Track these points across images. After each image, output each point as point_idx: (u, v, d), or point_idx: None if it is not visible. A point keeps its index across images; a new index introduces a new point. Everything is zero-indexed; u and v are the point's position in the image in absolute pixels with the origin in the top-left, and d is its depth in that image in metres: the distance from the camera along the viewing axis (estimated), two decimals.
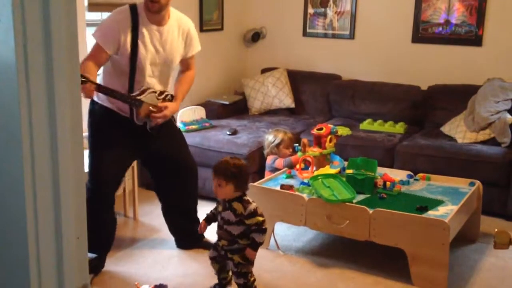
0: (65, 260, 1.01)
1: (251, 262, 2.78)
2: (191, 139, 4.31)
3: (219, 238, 2.82)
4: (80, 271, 1.04)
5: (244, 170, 2.75)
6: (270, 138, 4.01)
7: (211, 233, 3.63)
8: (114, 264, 3.25)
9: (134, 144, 3.14)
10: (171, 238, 3.53)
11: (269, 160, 3.96)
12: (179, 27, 3.12)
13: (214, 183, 2.73)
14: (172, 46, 3.08)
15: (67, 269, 1.00)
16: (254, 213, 2.69)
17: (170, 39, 3.07)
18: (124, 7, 3.00)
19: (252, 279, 2.82)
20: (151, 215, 3.95)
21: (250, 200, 2.74)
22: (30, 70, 1.05)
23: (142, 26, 2.96)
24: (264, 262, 3.33)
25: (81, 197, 1.08)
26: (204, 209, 4.07)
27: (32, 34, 1.04)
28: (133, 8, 2.97)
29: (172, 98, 3.18)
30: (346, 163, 3.68)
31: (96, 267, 3.12)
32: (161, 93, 3.13)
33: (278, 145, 3.96)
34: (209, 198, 4.27)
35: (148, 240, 3.62)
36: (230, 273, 2.87)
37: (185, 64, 3.29)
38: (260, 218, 2.70)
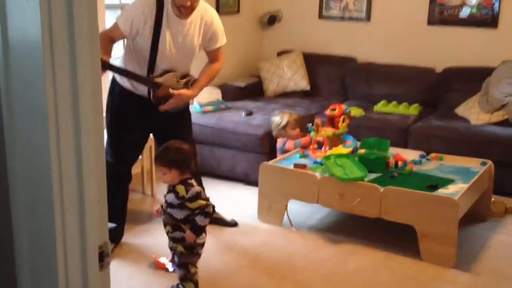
0: (87, 221, 1.11)
1: (194, 253, 2.67)
2: (207, 120, 4.42)
3: (164, 225, 2.71)
4: (101, 231, 1.14)
5: (185, 152, 2.66)
6: (277, 120, 4.08)
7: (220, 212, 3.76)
8: (133, 237, 3.39)
9: (149, 123, 3.26)
10: None
11: (279, 143, 4.04)
12: (201, 19, 3.14)
13: (160, 171, 2.67)
14: (193, 38, 3.12)
15: (89, 229, 1.10)
16: (197, 196, 2.59)
17: (192, 31, 3.11)
18: None
19: (193, 270, 2.67)
20: None
21: (194, 184, 2.65)
22: (54, 47, 1.14)
23: (166, 17, 3.01)
24: (277, 238, 3.44)
25: (101, 165, 1.18)
26: (218, 188, 4.21)
27: (57, 14, 1.13)
28: None
29: (194, 83, 3.27)
30: (359, 143, 3.75)
31: (115, 236, 3.27)
32: (184, 76, 3.22)
33: (284, 127, 4.03)
34: (223, 177, 4.39)
35: None
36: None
37: (211, 56, 3.34)
38: (203, 202, 2.60)
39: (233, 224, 3.61)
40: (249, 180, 4.26)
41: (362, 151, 3.59)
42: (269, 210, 3.60)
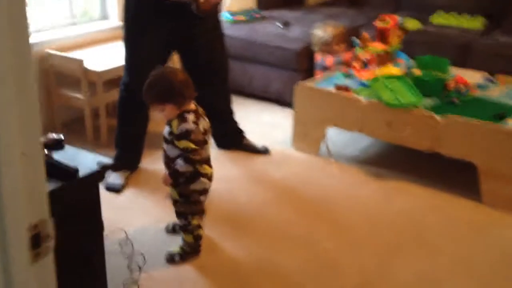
0: (5, 188, 0.69)
1: (190, 202, 2.27)
2: (237, 31, 3.93)
3: (163, 161, 2.33)
4: (33, 201, 0.73)
5: (176, 81, 2.18)
6: (319, 33, 3.54)
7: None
8: (151, 163, 3.04)
9: (173, 33, 2.79)
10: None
11: (318, 58, 3.53)
12: None
13: (154, 109, 2.25)
14: None
15: (11, 201, 0.69)
16: (185, 135, 2.15)
17: None
18: None
19: (195, 222, 2.29)
20: None
21: (190, 120, 2.17)
22: None
23: None
24: (312, 171, 3.04)
25: (31, 93, 0.73)
26: (248, 109, 3.80)
27: None
28: None
29: None
30: (413, 62, 3.22)
31: (131, 164, 2.95)
32: None
33: (328, 42, 3.49)
34: (255, 96, 3.96)
35: None
36: None
37: None
38: (190, 144, 2.15)
39: (264, 151, 3.21)
40: (283, 100, 3.81)
41: (416, 71, 3.06)
42: (305, 137, 3.17)
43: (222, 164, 3.08)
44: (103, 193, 2.79)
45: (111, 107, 3.42)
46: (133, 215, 2.62)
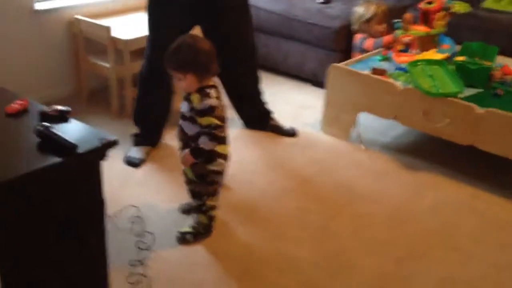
0: None
1: (207, 182, 2.17)
2: (275, 5, 3.76)
3: (178, 138, 2.23)
4: None
5: (204, 51, 2.06)
6: (360, 11, 3.34)
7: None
8: (174, 139, 2.94)
9: (197, 15, 2.66)
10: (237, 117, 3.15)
11: (357, 39, 3.33)
12: None
13: (174, 77, 2.12)
14: None
15: None
16: (209, 111, 2.04)
17: None
18: None
19: (209, 203, 2.21)
20: None
21: (213, 95, 2.06)
22: None
23: None
24: (340, 157, 2.88)
25: None
26: (280, 87, 3.67)
27: None
28: None
29: None
30: (458, 48, 3.00)
31: (151, 139, 2.88)
32: None
33: (369, 20, 3.29)
34: (289, 74, 3.80)
35: None
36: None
37: None
38: (215, 121, 2.04)
39: (292, 133, 3.07)
40: (317, 80, 3.64)
41: (460, 58, 2.84)
42: (336, 121, 3.01)
43: (245, 145, 2.96)
44: (122, 167, 2.73)
45: (137, 78, 3.34)
46: (148, 192, 2.54)
